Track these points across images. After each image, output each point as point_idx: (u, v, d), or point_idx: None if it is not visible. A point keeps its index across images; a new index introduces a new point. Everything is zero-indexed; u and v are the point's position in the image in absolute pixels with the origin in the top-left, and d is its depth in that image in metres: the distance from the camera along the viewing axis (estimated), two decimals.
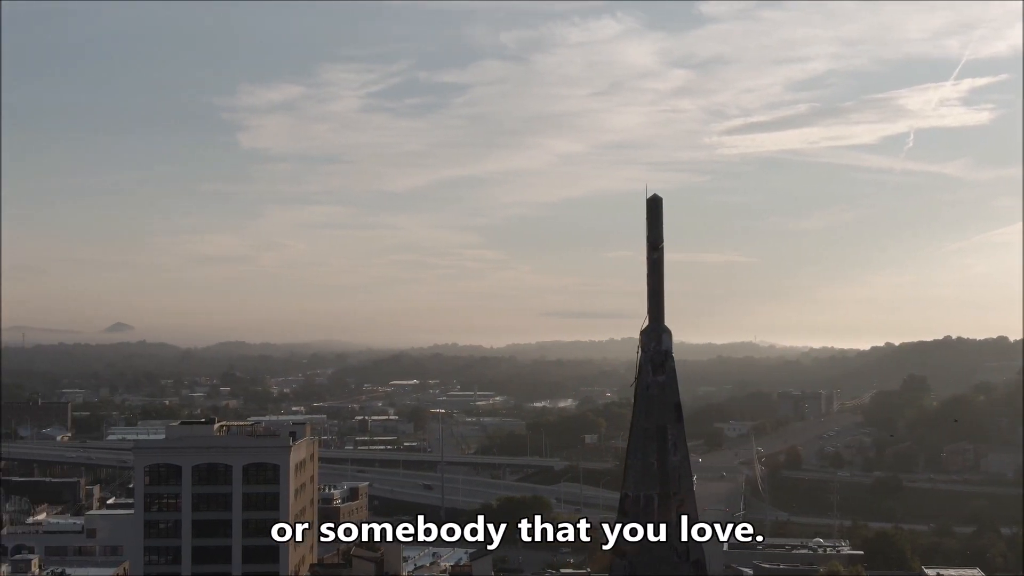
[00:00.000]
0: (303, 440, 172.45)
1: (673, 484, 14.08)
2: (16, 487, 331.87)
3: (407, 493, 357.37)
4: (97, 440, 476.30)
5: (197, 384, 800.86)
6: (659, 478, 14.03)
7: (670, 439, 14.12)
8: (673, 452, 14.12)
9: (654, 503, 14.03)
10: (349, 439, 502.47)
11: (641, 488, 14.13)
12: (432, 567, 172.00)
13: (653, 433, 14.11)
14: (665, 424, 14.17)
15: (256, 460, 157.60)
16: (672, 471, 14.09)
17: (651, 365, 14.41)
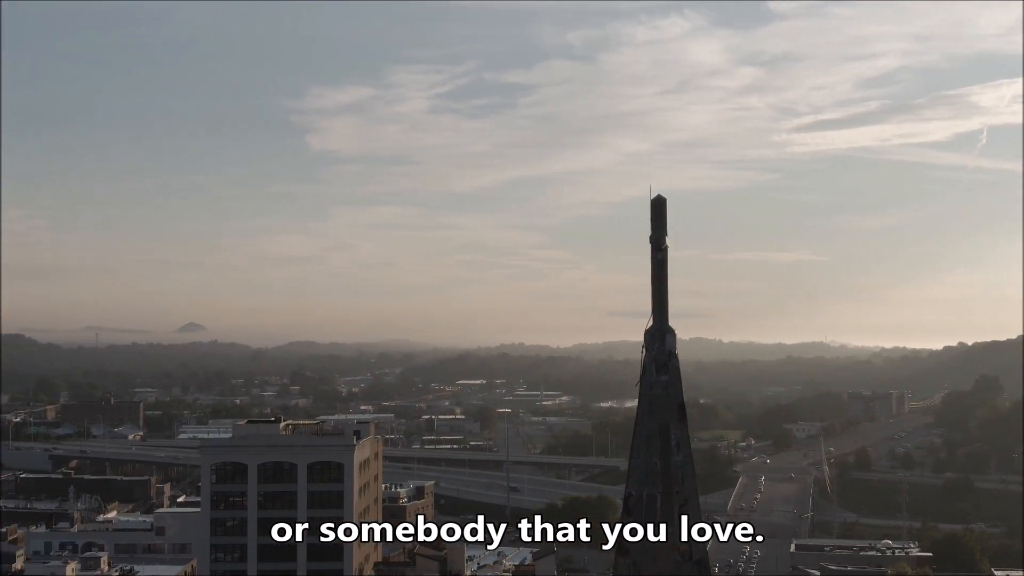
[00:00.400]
0: (367, 439, 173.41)
1: (676, 483, 14.19)
2: (88, 485, 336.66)
3: (473, 492, 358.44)
4: (168, 439, 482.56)
5: (267, 383, 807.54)
6: (662, 477, 14.10)
7: (673, 439, 14.22)
8: (676, 452, 14.22)
9: (657, 502, 14.11)
10: (416, 438, 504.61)
11: (644, 487, 14.23)
12: (495, 566, 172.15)
13: (656, 433, 14.19)
14: (668, 424, 14.28)
15: (320, 459, 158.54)
16: (675, 470, 14.20)
17: (655, 365, 14.52)
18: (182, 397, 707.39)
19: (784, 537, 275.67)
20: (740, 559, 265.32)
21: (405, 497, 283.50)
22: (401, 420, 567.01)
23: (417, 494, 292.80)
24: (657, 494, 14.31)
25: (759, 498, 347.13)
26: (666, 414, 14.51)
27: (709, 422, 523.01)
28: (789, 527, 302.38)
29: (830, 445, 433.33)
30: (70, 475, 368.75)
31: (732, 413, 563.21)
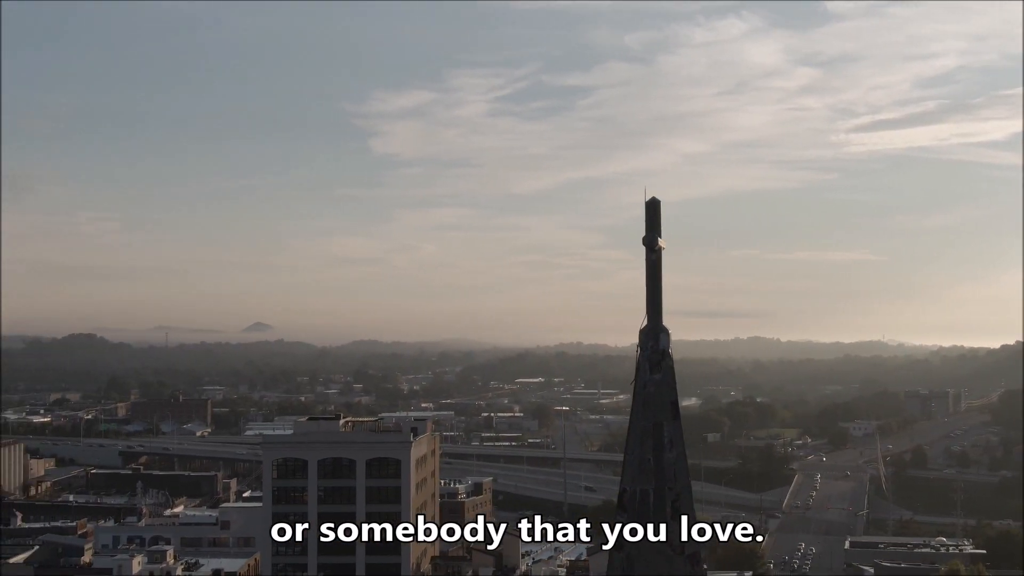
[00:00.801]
0: (424, 436, 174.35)
1: (669, 480, 14.39)
2: (156, 480, 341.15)
3: (531, 488, 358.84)
4: (235, 435, 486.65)
5: (331, 381, 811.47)
6: (655, 474, 14.34)
7: (666, 436, 14.44)
8: (669, 448, 14.43)
9: (650, 498, 14.36)
10: (475, 435, 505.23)
11: (638, 483, 14.47)
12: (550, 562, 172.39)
13: (650, 430, 14.43)
14: (662, 421, 14.49)
15: (378, 455, 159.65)
16: (668, 467, 14.41)
17: (648, 364, 14.72)
18: (249, 395, 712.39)
19: (839, 534, 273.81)
20: (795, 556, 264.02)
21: (464, 493, 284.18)
22: (461, 417, 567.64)
23: (476, 490, 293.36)
24: (650, 490, 14.49)
25: (815, 496, 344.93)
26: (659, 412, 14.68)
27: (766, 421, 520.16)
28: (844, 524, 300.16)
29: (886, 443, 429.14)
30: (139, 471, 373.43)
31: (789, 412, 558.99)
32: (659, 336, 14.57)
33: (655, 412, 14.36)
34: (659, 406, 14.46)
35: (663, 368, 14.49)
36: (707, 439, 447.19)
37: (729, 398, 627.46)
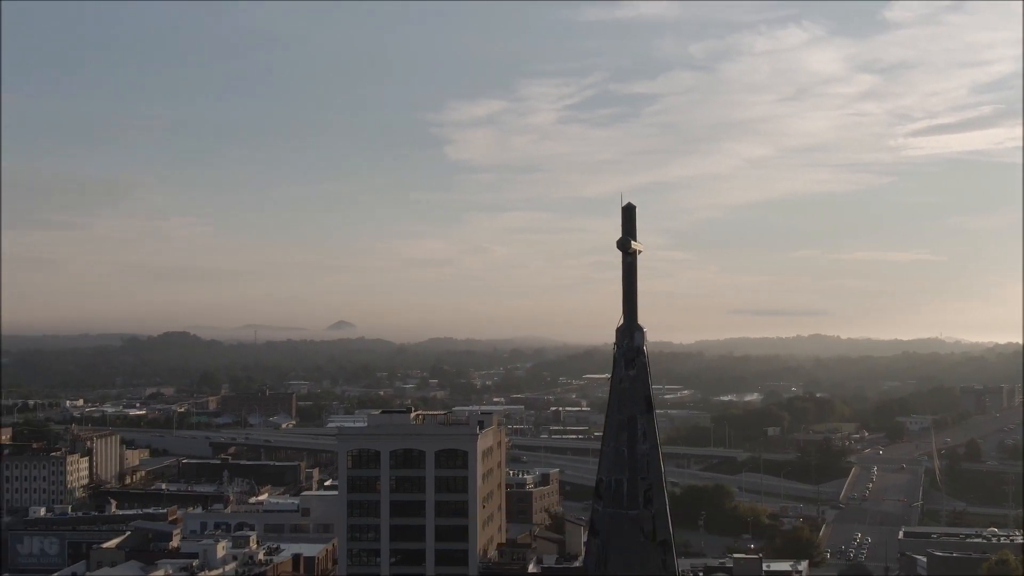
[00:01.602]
0: (490, 429, 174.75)
1: (642, 470, 14.55)
2: (243, 470, 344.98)
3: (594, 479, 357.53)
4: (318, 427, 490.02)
5: (409, 376, 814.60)
6: (629, 464, 14.53)
7: (640, 428, 14.59)
8: (642, 440, 14.59)
9: (624, 487, 14.55)
10: (544, 428, 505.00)
11: (613, 473, 14.66)
12: None
13: (624, 423, 14.61)
14: (635, 415, 14.65)
15: (447, 447, 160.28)
16: (641, 458, 14.56)
17: (624, 360, 14.90)
18: (331, 389, 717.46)
19: (894, 525, 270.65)
20: (851, 545, 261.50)
21: (532, 483, 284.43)
22: (530, 411, 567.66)
23: (543, 480, 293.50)
24: (624, 480, 14.65)
25: (871, 487, 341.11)
26: (633, 406, 14.80)
27: (825, 415, 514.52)
28: (899, 515, 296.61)
29: (942, 437, 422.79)
30: (227, 460, 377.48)
31: (848, 407, 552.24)
32: (634, 334, 14.72)
33: (629, 406, 14.52)
34: (633, 400, 14.61)
35: (637, 364, 14.63)
36: (767, 433, 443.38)
37: (790, 393, 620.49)
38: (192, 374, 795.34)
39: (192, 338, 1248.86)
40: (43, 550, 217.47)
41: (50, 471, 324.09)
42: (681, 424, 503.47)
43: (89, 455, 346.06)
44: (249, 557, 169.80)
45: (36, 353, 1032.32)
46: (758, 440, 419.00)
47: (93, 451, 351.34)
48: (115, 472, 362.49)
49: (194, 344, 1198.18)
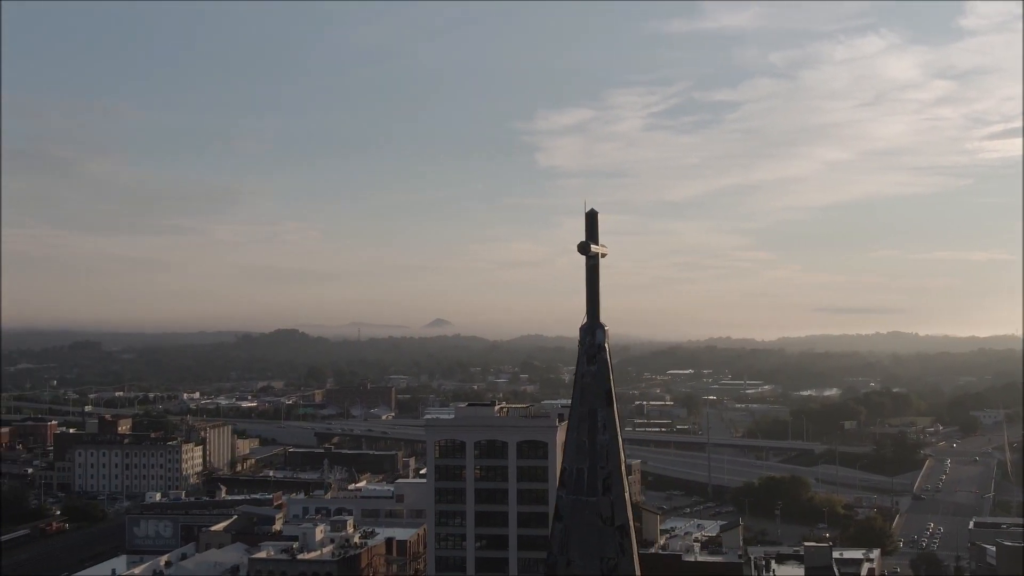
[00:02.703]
0: None
1: (602, 460, 14.64)
2: (344, 458, 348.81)
3: (677, 470, 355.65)
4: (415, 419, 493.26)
5: (501, 372, 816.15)
6: (589, 454, 14.63)
7: (600, 421, 14.69)
8: (602, 432, 14.68)
9: (585, 475, 14.65)
10: (628, 422, 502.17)
11: (575, 463, 14.76)
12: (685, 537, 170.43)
13: (586, 415, 14.71)
14: (596, 408, 14.75)
15: (528, 438, 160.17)
16: (601, 448, 14.65)
17: (586, 357, 15.00)
18: (428, 383, 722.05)
19: (965, 515, 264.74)
20: (924, 535, 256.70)
21: None
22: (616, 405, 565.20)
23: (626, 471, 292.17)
24: (585, 468, 14.77)
25: (944, 479, 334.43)
26: (595, 399, 14.90)
27: (901, 409, 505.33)
28: (971, 506, 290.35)
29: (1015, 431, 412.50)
30: (330, 450, 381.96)
31: (924, 402, 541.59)
32: (596, 332, 14.80)
33: (591, 399, 14.62)
34: (594, 394, 14.70)
35: (598, 360, 14.71)
36: (844, 426, 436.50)
37: (868, 389, 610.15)
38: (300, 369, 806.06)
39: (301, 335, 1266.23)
40: (158, 532, 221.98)
41: (167, 459, 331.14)
42: (761, 418, 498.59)
43: (203, 444, 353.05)
44: (346, 540, 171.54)
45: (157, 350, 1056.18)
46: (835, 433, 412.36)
47: (206, 440, 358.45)
48: (227, 460, 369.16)
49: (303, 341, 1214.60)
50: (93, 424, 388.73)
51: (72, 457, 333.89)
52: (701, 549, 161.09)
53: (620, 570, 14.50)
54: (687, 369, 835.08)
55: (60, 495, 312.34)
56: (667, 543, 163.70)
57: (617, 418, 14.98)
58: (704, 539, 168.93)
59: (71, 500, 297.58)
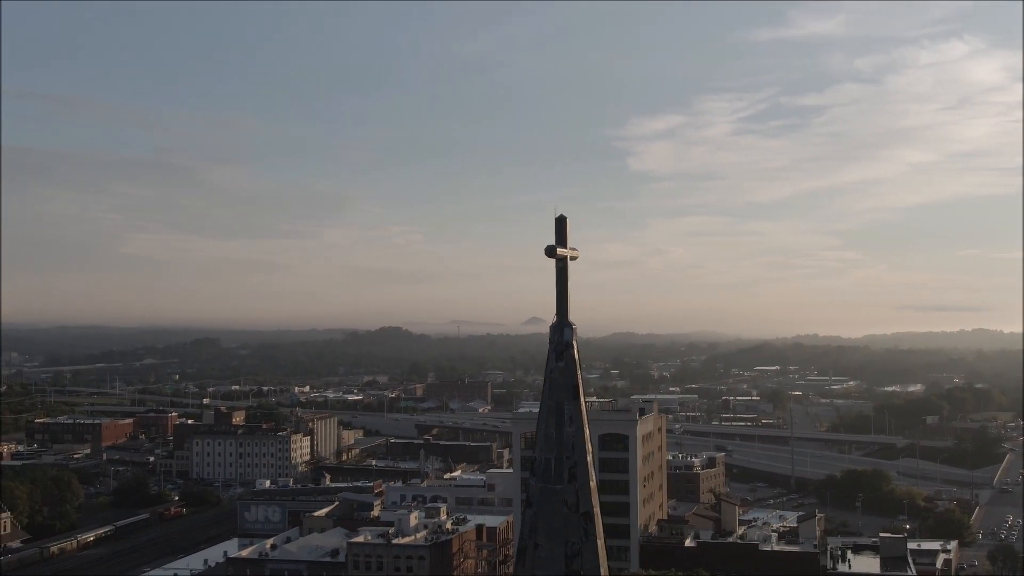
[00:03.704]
0: (650, 415, 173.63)
1: (568, 450, 14.82)
2: (442, 449, 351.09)
3: (762, 463, 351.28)
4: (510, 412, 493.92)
5: (592, 367, 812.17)
6: (556, 445, 14.85)
7: (567, 413, 14.87)
8: (568, 424, 14.86)
9: (552, 465, 14.89)
10: (715, 416, 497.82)
11: (543, 453, 14.99)
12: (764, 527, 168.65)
13: (554, 409, 14.94)
14: (563, 401, 14.95)
15: (609, 431, 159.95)
16: (567, 440, 14.84)
17: (555, 354, 15.22)
18: (523, 378, 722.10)
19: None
20: (1003, 528, 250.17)
21: (699, 466, 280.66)
22: (703, 400, 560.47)
23: (710, 463, 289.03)
24: (552, 459, 15.01)
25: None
26: (562, 393, 15.08)
27: (983, 405, 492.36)
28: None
29: None
30: (428, 440, 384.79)
31: (1006, 397, 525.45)
32: (564, 330, 15.01)
33: (558, 394, 14.84)
34: (562, 389, 14.91)
35: (566, 357, 14.91)
36: (926, 421, 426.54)
37: (951, 385, 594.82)
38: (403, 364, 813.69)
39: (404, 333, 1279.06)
40: (267, 517, 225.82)
41: (277, 448, 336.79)
42: (845, 413, 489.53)
43: (311, 435, 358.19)
44: (438, 526, 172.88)
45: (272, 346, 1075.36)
46: (917, 428, 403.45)
47: (314, 431, 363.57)
48: (333, 450, 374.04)
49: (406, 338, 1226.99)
50: (210, 416, 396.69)
51: (190, 446, 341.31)
52: (778, 539, 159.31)
53: (584, 554, 14.71)
54: (774, 366, 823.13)
55: (179, 482, 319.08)
56: (745, 533, 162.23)
57: (584, 411, 15.16)
58: (782, 529, 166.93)
59: (188, 486, 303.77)
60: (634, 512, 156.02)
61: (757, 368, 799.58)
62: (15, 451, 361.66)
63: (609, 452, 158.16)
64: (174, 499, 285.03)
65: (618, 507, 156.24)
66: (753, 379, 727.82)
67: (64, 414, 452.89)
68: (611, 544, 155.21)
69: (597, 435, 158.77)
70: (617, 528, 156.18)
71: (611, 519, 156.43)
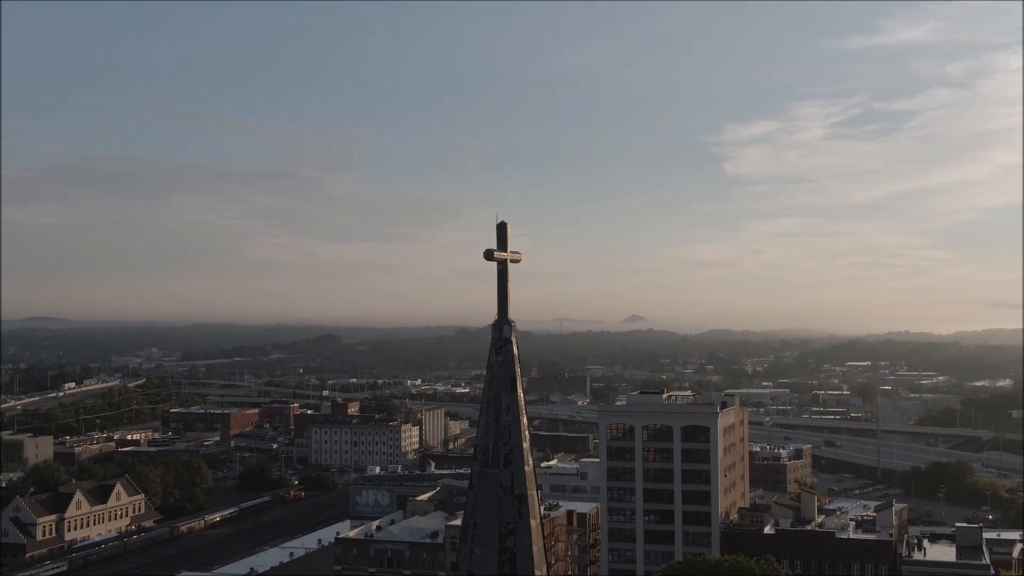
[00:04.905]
0: (732, 408, 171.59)
1: (504, 437, 15.35)
2: (542, 439, 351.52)
3: (848, 455, 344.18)
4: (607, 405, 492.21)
5: (688, 363, 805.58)
6: (494, 432, 15.41)
7: (504, 404, 15.40)
8: (506, 414, 15.37)
9: (490, 451, 15.45)
10: (805, 410, 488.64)
11: (483, 439, 15.56)
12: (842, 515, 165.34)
13: (493, 399, 15.51)
14: (501, 392, 15.51)
15: (691, 423, 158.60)
16: (503, 428, 15.36)
17: (494, 349, 15.79)
18: (621, 373, 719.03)
19: None
20: None
21: (786, 457, 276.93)
22: (794, 394, 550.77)
23: (796, 455, 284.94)
24: (491, 445, 15.56)
25: None
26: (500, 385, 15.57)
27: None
28: None
29: None
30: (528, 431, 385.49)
31: None
32: (503, 327, 15.57)
33: (497, 385, 15.40)
34: (500, 381, 15.46)
35: (504, 352, 15.46)
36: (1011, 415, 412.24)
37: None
38: None
39: None
40: (376, 501, 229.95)
41: (388, 437, 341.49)
42: (933, 407, 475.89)
43: (419, 425, 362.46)
44: None
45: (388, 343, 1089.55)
46: (1003, 422, 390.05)
47: (422, 421, 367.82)
48: (440, 439, 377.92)
49: None
50: (328, 407, 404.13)
51: (309, 435, 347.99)
52: (856, 527, 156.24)
53: (517, 532, 15.24)
54: (865, 361, 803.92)
55: (298, 467, 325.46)
56: (823, 521, 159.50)
57: (521, 401, 15.67)
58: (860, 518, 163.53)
59: (307, 472, 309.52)
60: (715, 500, 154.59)
61: (848, 364, 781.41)
62: (151, 438, 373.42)
63: (691, 443, 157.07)
64: (294, 483, 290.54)
65: (699, 495, 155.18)
66: (844, 374, 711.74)
67: (197, 404, 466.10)
68: (693, 531, 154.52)
69: (680, 427, 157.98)
70: (698, 515, 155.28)
71: (692, 507, 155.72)
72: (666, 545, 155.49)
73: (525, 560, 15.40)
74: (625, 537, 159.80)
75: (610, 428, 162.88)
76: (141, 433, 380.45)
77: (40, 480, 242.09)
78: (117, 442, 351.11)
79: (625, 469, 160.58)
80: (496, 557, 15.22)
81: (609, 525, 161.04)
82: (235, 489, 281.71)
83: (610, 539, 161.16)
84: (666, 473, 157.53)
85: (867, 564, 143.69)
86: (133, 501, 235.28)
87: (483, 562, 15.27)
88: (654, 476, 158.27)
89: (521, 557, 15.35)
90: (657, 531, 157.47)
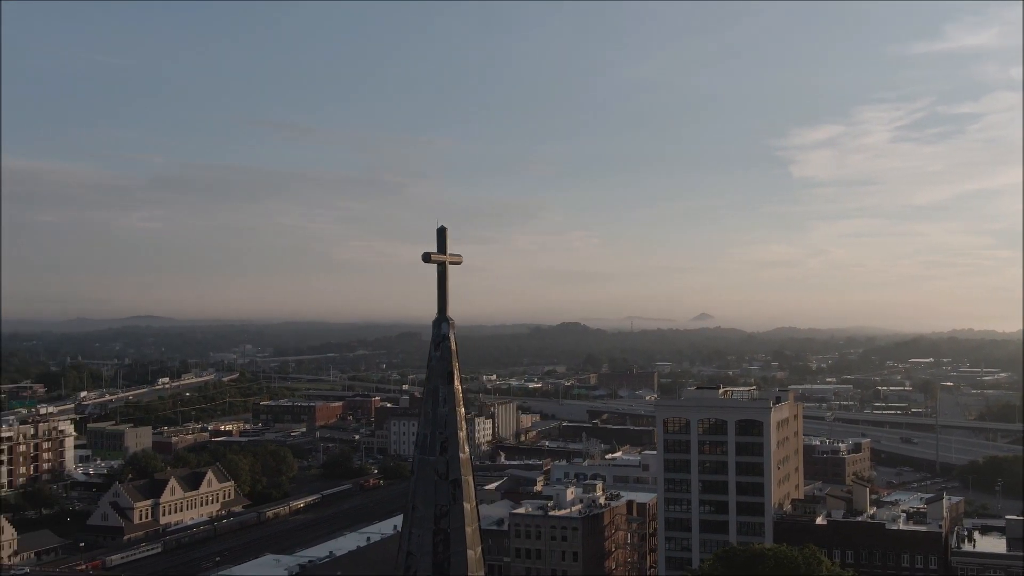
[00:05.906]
0: (785, 403, 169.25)
1: (440, 427, 15.83)
2: (609, 432, 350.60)
3: (908, 449, 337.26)
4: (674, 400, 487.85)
5: (754, 360, 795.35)
6: (432, 422, 15.91)
7: (441, 396, 15.88)
8: (442, 405, 15.83)
9: (427, 439, 15.95)
10: (868, 405, 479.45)
11: (422, 428, 16.06)
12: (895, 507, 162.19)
13: (432, 392, 16.03)
14: (439, 385, 16.00)
15: (745, 417, 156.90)
16: (440, 418, 15.82)
17: (434, 345, 16.31)
18: (689, 369, 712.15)
19: None
20: None
21: (845, 450, 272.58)
22: (858, 390, 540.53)
23: (855, 449, 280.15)
24: (429, 433, 16.08)
25: None
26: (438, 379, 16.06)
27: None
28: None
29: None
30: (597, 425, 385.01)
31: None
32: (441, 325, 16.06)
33: (435, 379, 15.88)
34: (438, 374, 15.95)
35: (442, 348, 15.94)
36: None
37: None
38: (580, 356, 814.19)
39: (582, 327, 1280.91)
40: None
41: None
42: (993, 403, 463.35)
43: (492, 418, 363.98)
44: (592, 500, 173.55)
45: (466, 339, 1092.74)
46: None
47: (495, 415, 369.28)
48: (512, 431, 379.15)
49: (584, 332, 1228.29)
50: (406, 400, 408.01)
51: (389, 426, 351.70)
52: (907, 519, 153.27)
53: (451, 515, 15.74)
54: (928, 358, 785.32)
55: (378, 457, 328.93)
56: (875, 513, 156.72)
57: (458, 393, 16.14)
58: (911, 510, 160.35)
59: (386, 461, 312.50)
60: (768, 491, 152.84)
61: (912, 360, 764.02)
62: (243, 429, 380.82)
63: (744, 436, 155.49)
64: (373, 472, 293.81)
65: (753, 487, 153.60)
66: (907, 371, 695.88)
67: (285, 398, 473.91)
68: (747, 521, 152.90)
69: (734, 420, 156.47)
70: (752, 506, 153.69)
71: (746, 498, 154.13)
72: (720, 534, 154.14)
73: (458, 540, 15.93)
74: (681, 526, 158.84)
75: (667, 422, 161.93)
76: (233, 424, 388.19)
77: (138, 468, 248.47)
78: (211, 433, 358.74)
79: (682, 461, 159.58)
80: (431, 537, 15.74)
81: (666, 515, 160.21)
82: (318, 477, 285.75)
83: (667, 528, 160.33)
84: (721, 465, 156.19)
85: (916, 555, 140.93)
86: (223, 488, 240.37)
87: (420, 542, 15.80)
88: (709, 468, 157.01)
89: (454, 537, 15.87)
90: (712, 521, 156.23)
